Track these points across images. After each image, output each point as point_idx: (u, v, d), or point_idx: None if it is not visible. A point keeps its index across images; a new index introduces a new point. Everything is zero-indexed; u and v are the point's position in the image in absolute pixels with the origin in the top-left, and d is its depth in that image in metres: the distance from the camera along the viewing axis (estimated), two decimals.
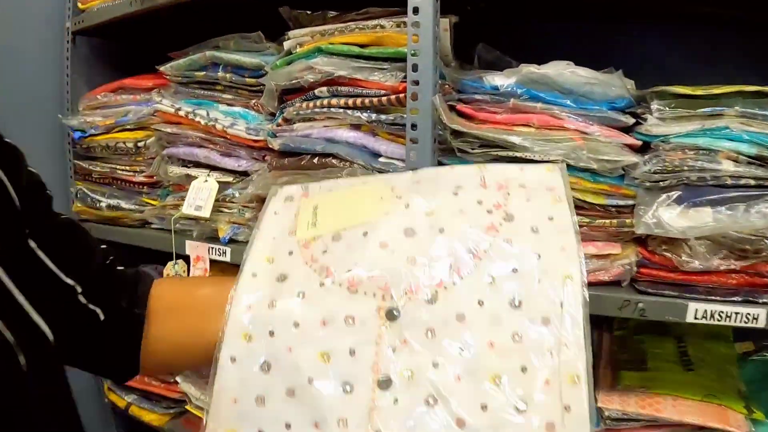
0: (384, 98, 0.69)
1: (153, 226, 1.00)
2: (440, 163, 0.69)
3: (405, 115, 0.68)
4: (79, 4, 1.09)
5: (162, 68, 0.94)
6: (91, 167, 1.08)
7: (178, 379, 1.07)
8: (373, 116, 0.71)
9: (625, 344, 0.86)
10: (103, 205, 1.04)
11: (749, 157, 0.65)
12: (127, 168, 1.02)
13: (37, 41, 1.10)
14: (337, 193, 0.63)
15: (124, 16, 0.98)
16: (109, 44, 1.16)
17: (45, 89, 1.12)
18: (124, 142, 1.01)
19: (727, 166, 0.65)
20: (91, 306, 0.47)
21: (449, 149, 0.69)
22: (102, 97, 1.04)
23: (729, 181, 0.65)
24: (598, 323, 0.91)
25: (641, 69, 0.74)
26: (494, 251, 0.50)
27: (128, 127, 1.00)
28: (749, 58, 0.88)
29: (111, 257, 0.53)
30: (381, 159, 0.71)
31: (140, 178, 1.00)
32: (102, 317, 0.47)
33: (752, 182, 0.65)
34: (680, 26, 0.89)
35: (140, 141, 0.99)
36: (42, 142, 1.11)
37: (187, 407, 1.11)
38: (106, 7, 1.01)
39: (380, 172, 0.70)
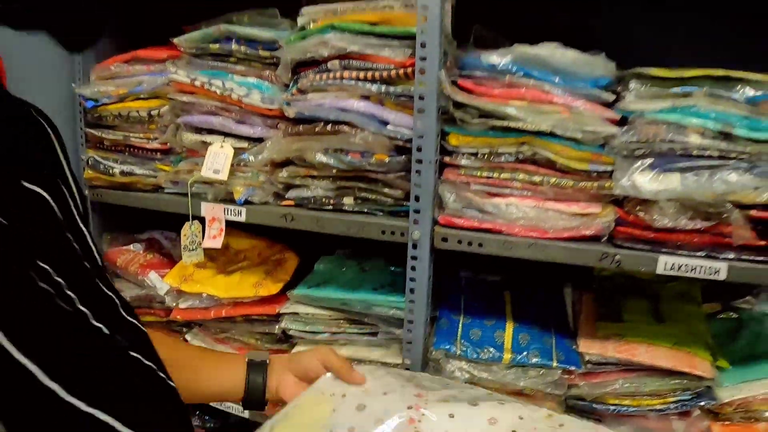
0: (393, 72, 0.81)
1: (166, 190, 1.10)
2: (443, 132, 0.81)
3: (412, 88, 0.80)
4: None
5: (176, 40, 1.04)
6: (102, 135, 1.17)
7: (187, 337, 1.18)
8: (383, 88, 0.83)
9: (603, 301, 1.00)
10: (117, 171, 1.14)
11: (714, 132, 0.78)
12: (141, 135, 1.11)
13: None
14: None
15: None
16: (118, 17, 1.24)
17: (56, 59, 1.19)
18: (138, 111, 1.10)
19: (694, 140, 0.78)
20: None
21: (451, 118, 0.80)
22: (115, 68, 1.13)
23: (695, 152, 0.78)
24: (578, 285, 1.05)
25: (624, 51, 0.85)
26: None
27: (142, 96, 1.10)
28: (727, 42, 1.01)
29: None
30: (389, 127, 0.83)
31: (154, 145, 1.10)
32: None
33: (716, 154, 0.78)
34: (662, 12, 1.01)
35: (153, 110, 1.09)
36: (53, 111, 1.19)
37: None
38: None
39: (390, 138, 0.82)
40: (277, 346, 1.12)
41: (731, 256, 0.79)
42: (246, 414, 1.09)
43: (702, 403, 0.88)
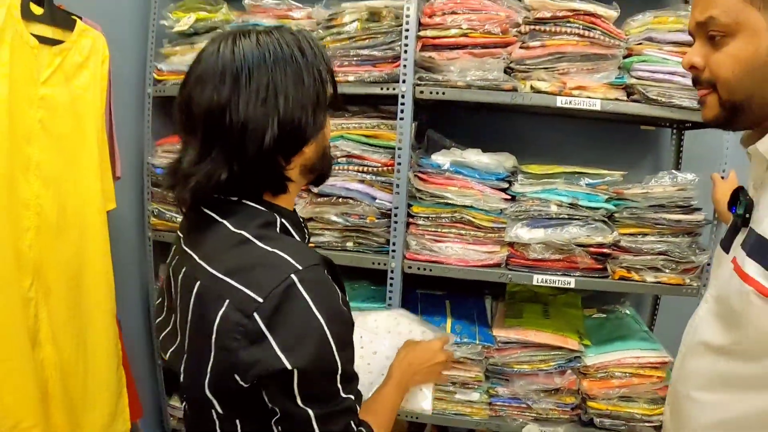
0: (380, 168, 1.48)
1: None
2: (409, 205, 1.48)
3: (392, 178, 1.46)
4: (155, 75, 1.78)
5: None
6: (165, 193, 1.77)
7: None
8: (374, 177, 1.49)
9: (510, 306, 1.70)
10: (180, 219, 1.74)
11: (566, 203, 1.48)
12: None
13: (126, 102, 1.77)
14: None
15: None
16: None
17: (130, 133, 1.79)
18: None
19: (554, 208, 1.48)
20: None
21: (414, 197, 1.48)
22: (179, 145, 1.74)
23: (554, 216, 1.48)
24: (495, 294, 1.75)
25: (525, 148, 1.57)
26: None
27: None
28: (595, 146, 1.75)
29: None
30: (377, 201, 1.49)
31: None
32: None
33: (566, 216, 1.48)
34: (552, 124, 1.75)
35: None
36: (126, 175, 1.79)
37: None
38: None
39: (377, 208, 1.49)
40: None
41: (578, 274, 1.50)
42: None
43: (572, 366, 1.58)
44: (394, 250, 1.52)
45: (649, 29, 1.50)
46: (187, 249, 0.78)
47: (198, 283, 0.71)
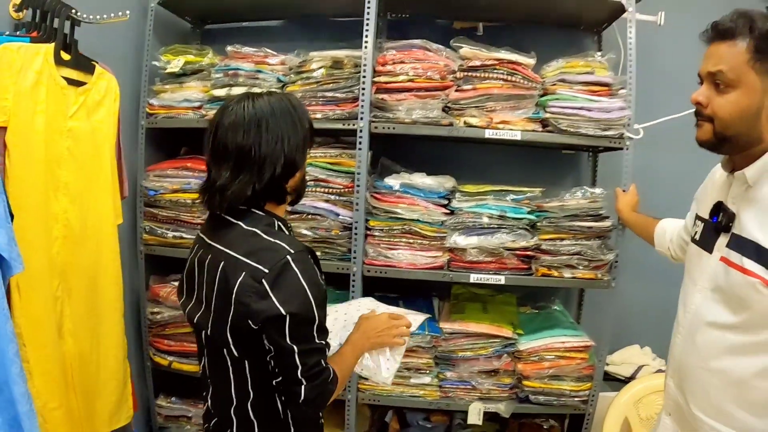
0: (342, 190, 1.92)
1: None
2: (366, 220, 1.93)
3: (352, 198, 1.91)
4: (148, 110, 2.19)
5: None
6: (156, 212, 2.18)
7: None
8: (337, 197, 1.93)
9: (455, 305, 2.15)
10: (170, 235, 2.14)
11: (495, 215, 1.95)
12: (188, 214, 2.13)
13: (122, 132, 2.17)
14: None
15: (189, 126, 2.12)
16: (166, 133, 2.27)
17: (125, 160, 2.19)
18: (185, 200, 2.12)
19: (486, 219, 1.94)
20: None
21: (370, 213, 1.93)
22: (170, 171, 2.14)
23: (485, 226, 1.94)
24: (441, 296, 2.20)
25: (468, 175, 2.03)
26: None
27: (189, 191, 2.12)
28: (525, 168, 2.23)
29: None
30: (340, 217, 1.93)
31: (197, 220, 2.12)
32: None
33: (495, 225, 1.95)
34: (483, 151, 2.22)
35: (196, 200, 2.11)
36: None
37: None
38: (178, 118, 2.12)
39: (341, 222, 1.93)
40: None
41: (507, 273, 1.95)
42: None
43: (508, 351, 2.03)
44: (355, 257, 1.95)
45: (562, 72, 1.98)
46: (211, 242, 1.18)
47: (222, 263, 1.11)
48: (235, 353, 1.13)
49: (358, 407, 2.12)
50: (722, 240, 1.17)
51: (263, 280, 1.06)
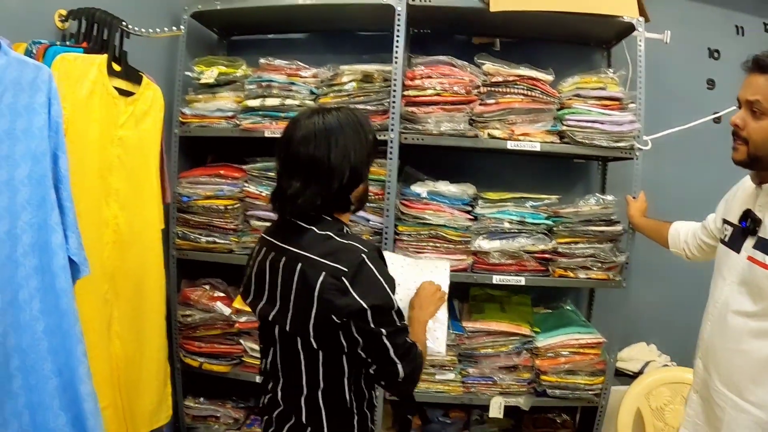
0: (373, 197, 2.04)
1: (236, 252, 2.24)
2: (395, 225, 2.06)
3: (383, 205, 2.03)
4: (180, 119, 2.29)
5: (246, 167, 2.20)
6: (188, 217, 2.27)
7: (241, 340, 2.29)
8: (368, 205, 2.05)
9: (474, 306, 2.28)
10: (203, 240, 2.24)
11: (515, 221, 2.09)
12: (221, 220, 2.23)
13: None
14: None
15: (222, 135, 2.23)
16: (194, 141, 2.37)
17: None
18: (218, 206, 2.23)
19: (507, 225, 2.08)
20: None
21: (399, 218, 2.05)
22: (202, 178, 2.25)
23: (506, 230, 2.08)
24: (461, 299, 2.34)
25: (484, 181, 2.17)
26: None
27: (221, 197, 2.23)
28: (539, 177, 2.38)
29: None
30: (370, 222, 2.05)
31: (230, 226, 2.22)
32: None
33: (515, 230, 2.09)
34: (504, 161, 2.37)
35: (229, 206, 2.22)
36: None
37: (244, 359, 2.32)
38: (212, 127, 2.23)
39: (372, 228, 2.05)
40: None
41: (527, 274, 2.09)
42: None
43: (526, 347, 2.17)
44: None
45: (578, 87, 2.13)
46: (283, 245, 1.27)
47: (300, 264, 1.21)
48: (314, 345, 1.23)
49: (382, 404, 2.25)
50: (749, 242, 1.34)
51: (343, 278, 1.17)
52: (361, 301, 1.17)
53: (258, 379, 2.27)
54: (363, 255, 1.19)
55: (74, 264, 1.45)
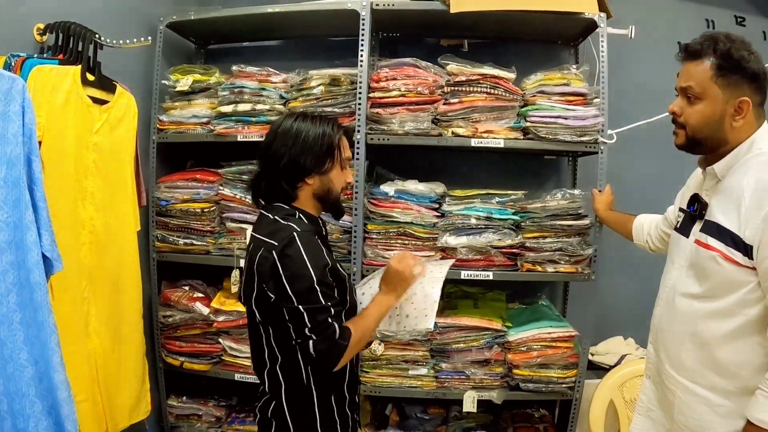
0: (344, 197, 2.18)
1: (213, 254, 2.38)
2: (365, 224, 2.19)
3: (352, 204, 2.17)
4: (158, 125, 2.44)
5: (221, 171, 2.34)
6: (167, 221, 2.42)
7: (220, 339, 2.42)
8: None
9: (448, 303, 2.40)
10: (181, 242, 2.39)
11: (482, 217, 2.21)
12: (198, 222, 2.38)
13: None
14: None
15: (197, 140, 2.38)
16: (174, 147, 2.52)
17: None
18: (194, 209, 2.37)
19: (473, 221, 2.21)
20: None
21: (368, 217, 2.18)
22: (180, 182, 2.40)
23: (473, 226, 2.20)
24: None
25: (457, 180, 2.30)
26: None
27: (198, 200, 2.37)
28: (509, 174, 2.50)
29: None
30: (340, 222, 2.18)
31: (206, 228, 2.37)
32: None
33: (482, 226, 2.21)
34: (471, 158, 2.50)
35: (206, 209, 2.37)
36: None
37: (223, 357, 2.45)
38: (188, 133, 2.38)
39: (341, 227, 2.19)
40: None
41: (495, 269, 2.21)
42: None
43: (498, 342, 2.28)
44: (354, 259, 2.20)
45: (541, 84, 2.26)
46: (253, 233, 1.47)
47: (252, 245, 1.42)
48: (261, 320, 1.41)
49: (361, 401, 2.36)
50: (697, 226, 1.43)
51: (273, 251, 1.35)
52: (282, 273, 1.34)
53: (237, 377, 2.43)
54: (294, 234, 1.37)
55: (48, 260, 1.59)
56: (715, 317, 1.34)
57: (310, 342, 1.36)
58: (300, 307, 1.34)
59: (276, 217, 1.45)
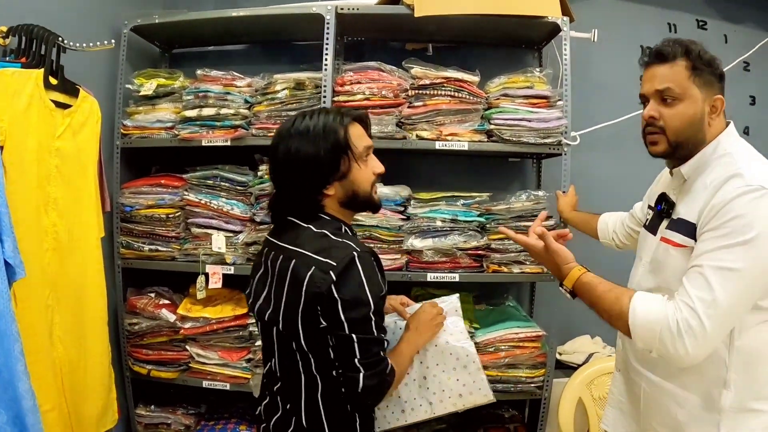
0: None
1: (178, 260, 2.46)
2: None
3: None
4: (122, 130, 2.53)
5: (186, 176, 2.44)
6: (132, 227, 2.50)
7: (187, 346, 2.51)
8: None
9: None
10: (146, 248, 2.47)
11: (447, 219, 2.34)
12: (163, 228, 2.46)
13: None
14: None
15: (162, 145, 2.47)
16: (139, 152, 2.60)
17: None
18: (159, 215, 2.46)
19: (439, 223, 2.33)
20: None
21: None
22: (144, 188, 2.48)
23: (439, 229, 2.33)
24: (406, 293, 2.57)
25: (424, 183, 2.42)
26: None
27: (163, 206, 2.46)
28: (474, 177, 2.64)
29: None
30: None
31: (171, 234, 2.45)
32: None
33: (447, 228, 2.34)
34: (436, 161, 2.63)
35: (170, 214, 2.45)
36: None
37: (191, 365, 2.54)
38: (152, 138, 2.47)
39: None
40: (245, 345, 2.48)
41: (461, 271, 2.34)
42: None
43: None
44: None
45: (505, 87, 2.39)
46: (280, 243, 1.41)
47: (293, 261, 1.33)
48: (304, 347, 1.35)
49: None
50: (664, 224, 1.51)
51: (330, 272, 1.28)
52: (335, 293, 1.28)
53: (206, 384, 2.52)
54: (354, 253, 1.31)
55: (10, 267, 1.66)
56: None
57: (360, 375, 1.31)
58: (353, 335, 1.29)
59: (325, 231, 1.38)
